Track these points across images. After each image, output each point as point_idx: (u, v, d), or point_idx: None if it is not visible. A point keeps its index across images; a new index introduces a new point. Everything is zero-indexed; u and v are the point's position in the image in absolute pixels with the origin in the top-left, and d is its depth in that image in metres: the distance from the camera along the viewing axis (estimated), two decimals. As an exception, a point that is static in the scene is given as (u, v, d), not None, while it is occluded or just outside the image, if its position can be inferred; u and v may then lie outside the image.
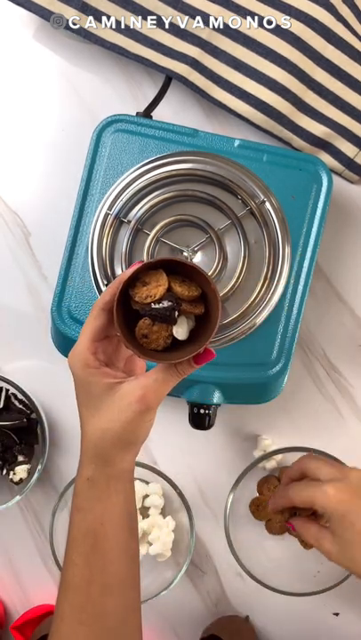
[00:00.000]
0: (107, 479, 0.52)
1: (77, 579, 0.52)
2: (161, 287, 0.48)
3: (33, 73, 0.81)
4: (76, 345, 0.52)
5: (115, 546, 0.53)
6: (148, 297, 0.48)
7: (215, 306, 0.48)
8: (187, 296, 0.49)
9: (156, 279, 0.48)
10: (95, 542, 0.52)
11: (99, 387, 0.51)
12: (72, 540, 0.53)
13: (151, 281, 0.48)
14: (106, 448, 0.51)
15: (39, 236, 0.80)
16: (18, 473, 0.74)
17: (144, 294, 0.48)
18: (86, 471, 0.52)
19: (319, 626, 0.78)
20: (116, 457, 0.52)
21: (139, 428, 0.51)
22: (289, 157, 0.72)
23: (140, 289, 0.48)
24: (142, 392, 0.50)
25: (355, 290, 0.79)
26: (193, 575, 0.78)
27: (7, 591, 0.79)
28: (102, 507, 0.52)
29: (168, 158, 0.71)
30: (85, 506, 0.53)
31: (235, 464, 0.78)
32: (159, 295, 0.48)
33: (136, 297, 0.48)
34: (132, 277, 0.48)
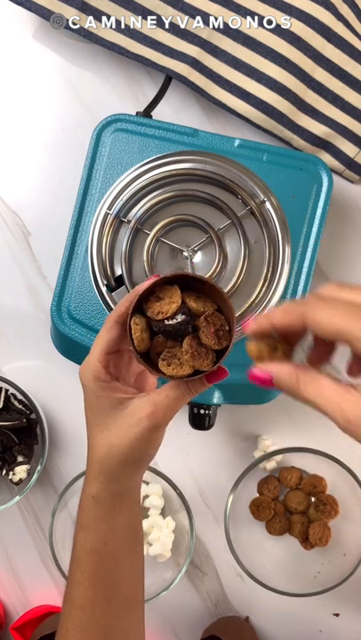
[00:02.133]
0: (112, 498, 0.51)
1: (81, 598, 0.52)
2: (174, 304, 0.47)
3: (33, 73, 0.81)
4: (88, 357, 0.51)
5: (119, 565, 0.52)
6: (159, 313, 0.47)
7: (232, 323, 0.47)
8: (201, 312, 0.47)
9: (170, 295, 0.47)
10: (99, 562, 0.51)
11: (109, 401, 0.50)
12: (76, 559, 0.52)
13: (165, 296, 0.48)
14: (112, 466, 0.50)
15: (39, 236, 0.80)
16: (17, 473, 0.74)
17: (156, 310, 0.47)
18: (91, 488, 0.51)
19: (319, 626, 0.78)
20: (122, 475, 0.51)
21: (147, 445, 0.50)
22: (289, 157, 0.72)
23: (153, 304, 0.47)
24: (152, 409, 0.48)
25: (355, 290, 0.79)
26: (193, 576, 0.78)
27: (7, 591, 0.79)
28: (106, 526, 0.51)
29: (168, 158, 0.71)
30: (90, 525, 0.51)
31: (235, 464, 0.78)
32: (171, 312, 0.47)
33: (148, 312, 0.47)
34: (147, 292, 0.47)
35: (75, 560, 0.52)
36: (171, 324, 0.47)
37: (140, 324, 0.47)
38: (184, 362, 0.47)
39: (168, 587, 0.74)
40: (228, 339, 0.47)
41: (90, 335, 0.71)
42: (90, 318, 0.71)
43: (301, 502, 0.77)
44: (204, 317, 0.47)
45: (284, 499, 0.78)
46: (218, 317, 0.47)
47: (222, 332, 0.47)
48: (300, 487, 0.78)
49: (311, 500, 0.78)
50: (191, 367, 0.47)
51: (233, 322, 0.47)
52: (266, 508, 0.76)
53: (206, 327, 0.47)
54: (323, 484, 0.77)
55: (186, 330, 0.47)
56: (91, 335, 0.71)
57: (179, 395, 0.49)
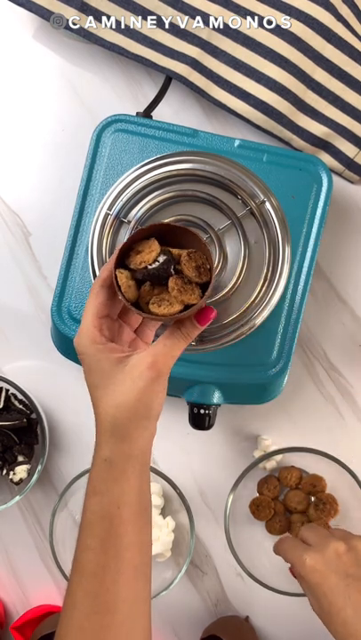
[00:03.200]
0: (125, 458, 0.51)
1: (92, 564, 0.51)
2: (153, 252, 0.50)
3: (33, 73, 0.81)
4: (81, 325, 0.53)
5: (130, 531, 0.52)
6: (142, 262, 0.50)
7: (210, 260, 0.50)
8: (178, 254, 0.50)
9: (149, 246, 0.50)
10: (111, 526, 0.51)
11: (108, 361, 0.51)
12: (87, 524, 0.52)
13: (144, 249, 0.50)
14: (122, 423, 0.51)
15: (39, 236, 0.80)
16: (18, 473, 0.74)
17: (138, 261, 0.50)
18: (103, 451, 0.51)
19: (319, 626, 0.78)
20: (134, 432, 0.51)
21: (153, 396, 0.50)
22: (289, 157, 0.72)
23: (134, 257, 0.50)
24: (152, 359, 0.50)
25: (355, 290, 0.79)
26: (193, 575, 0.78)
27: (7, 591, 0.79)
28: (120, 489, 0.51)
29: (168, 158, 0.71)
30: (102, 488, 0.52)
31: (235, 464, 0.78)
32: (152, 259, 0.50)
33: (131, 265, 0.50)
34: (126, 247, 0.50)
35: (85, 526, 0.52)
36: (154, 267, 0.50)
37: (124, 272, 0.50)
38: (173, 301, 0.49)
39: (168, 586, 0.74)
40: (208, 275, 0.50)
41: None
42: (90, 318, 0.71)
43: (301, 502, 0.77)
44: (187, 253, 0.50)
45: (283, 498, 0.78)
46: (199, 255, 0.50)
47: (203, 268, 0.50)
48: (299, 487, 0.78)
49: (311, 499, 0.78)
50: (180, 303, 0.49)
51: (212, 260, 0.50)
52: (266, 508, 0.77)
53: (188, 262, 0.50)
54: (322, 483, 0.77)
55: (168, 270, 0.50)
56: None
57: (175, 342, 0.51)
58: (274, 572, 0.76)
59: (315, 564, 0.60)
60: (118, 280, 0.50)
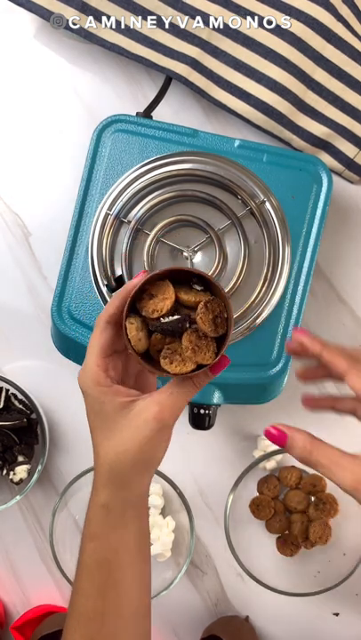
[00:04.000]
0: (123, 505, 0.50)
1: (90, 610, 0.50)
2: (168, 300, 0.47)
3: (33, 73, 0.81)
4: (85, 363, 0.50)
5: (129, 575, 0.51)
6: (154, 311, 0.47)
7: (229, 310, 0.46)
8: (194, 302, 0.47)
9: (163, 291, 0.47)
10: (110, 572, 0.50)
11: (112, 405, 0.49)
12: (84, 569, 0.51)
13: (158, 293, 0.47)
14: (122, 471, 0.49)
15: (39, 236, 0.80)
16: (18, 473, 0.74)
17: (150, 308, 0.47)
18: (101, 497, 0.50)
19: (319, 626, 0.78)
20: (133, 480, 0.50)
21: (156, 447, 0.49)
22: (289, 157, 0.72)
23: (146, 302, 0.47)
24: (158, 408, 0.48)
25: (355, 290, 0.79)
26: (193, 575, 0.78)
27: (7, 591, 0.79)
28: (118, 536, 0.50)
29: (168, 158, 0.71)
30: (100, 534, 0.50)
31: (235, 464, 0.78)
32: (166, 309, 0.46)
33: (143, 311, 0.47)
34: (138, 290, 0.47)
35: (83, 571, 0.51)
36: (167, 321, 0.46)
37: (135, 323, 0.47)
38: (186, 358, 0.46)
39: (168, 587, 0.74)
40: (225, 326, 0.47)
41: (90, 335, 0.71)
42: (90, 318, 0.71)
43: (301, 502, 0.77)
44: (204, 303, 0.46)
45: (283, 498, 0.78)
46: (217, 303, 0.47)
47: (220, 319, 0.47)
48: (299, 486, 0.78)
49: (311, 499, 0.78)
50: (194, 363, 0.46)
51: (230, 308, 0.46)
52: (266, 507, 0.77)
53: (205, 314, 0.46)
54: (322, 483, 0.77)
55: (183, 326, 0.46)
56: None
57: (184, 391, 0.48)
58: (274, 572, 0.76)
59: None
60: (128, 332, 0.47)
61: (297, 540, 0.76)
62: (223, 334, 0.47)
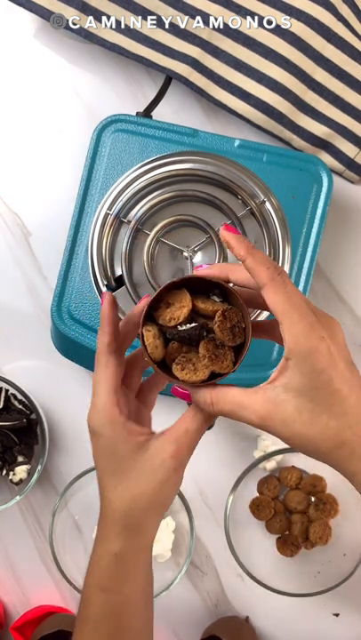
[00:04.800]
0: (137, 552, 0.47)
1: None
2: (185, 308, 0.46)
3: (33, 73, 0.81)
4: (95, 402, 0.47)
5: (138, 623, 0.49)
6: (171, 319, 0.46)
7: (247, 319, 0.45)
8: (211, 311, 0.46)
9: (180, 299, 0.46)
10: (118, 623, 0.48)
11: (127, 446, 0.46)
12: (92, 619, 0.48)
13: (174, 302, 0.46)
14: (138, 516, 0.46)
15: (39, 236, 0.80)
16: (18, 473, 0.74)
17: (167, 317, 0.46)
18: (114, 545, 0.47)
19: (319, 626, 0.78)
20: (148, 524, 0.47)
21: (172, 488, 0.47)
22: (289, 157, 0.72)
23: (163, 311, 0.46)
24: (175, 446, 0.46)
25: (355, 290, 0.79)
26: (193, 576, 0.78)
27: (7, 591, 0.79)
28: (130, 587, 0.48)
29: (168, 158, 0.71)
30: (111, 585, 0.47)
31: (235, 464, 0.78)
32: (183, 317, 0.46)
33: (159, 320, 0.46)
34: (155, 300, 0.46)
35: (89, 620, 0.49)
36: (185, 329, 0.45)
37: (152, 330, 0.46)
38: (199, 367, 0.46)
39: (168, 587, 0.74)
40: (242, 336, 0.46)
41: (90, 335, 0.71)
42: (90, 318, 0.71)
43: (301, 502, 0.77)
44: (222, 312, 0.45)
45: (284, 498, 0.78)
46: (235, 312, 0.46)
47: (238, 328, 0.45)
48: (299, 487, 0.78)
49: (311, 499, 0.78)
50: (209, 371, 0.45)
51: (248, 318, 0.45)
52: (266, 508, 0.76)
53: (223, 322, 0.45)
54: (322, 483, 0.77)
55: (201, 334, 0.45)
56: (91, 335, 0.71)
57: (198, 426, 0.47)
58: (274, 573, 0.76)
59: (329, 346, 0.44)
60: (145, 340, 0.45)
61: (297, 541, 0.76)
62: (241, 344, 0.46)
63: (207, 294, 0.48)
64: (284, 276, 0.44)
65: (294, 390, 0.43)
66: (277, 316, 0.43)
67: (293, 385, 0.43)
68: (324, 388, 0.43)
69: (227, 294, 0.47)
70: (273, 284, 0.43)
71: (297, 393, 0.43)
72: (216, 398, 0.45)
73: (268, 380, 0.44)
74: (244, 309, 0.46)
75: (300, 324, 0.43)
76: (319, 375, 0.43)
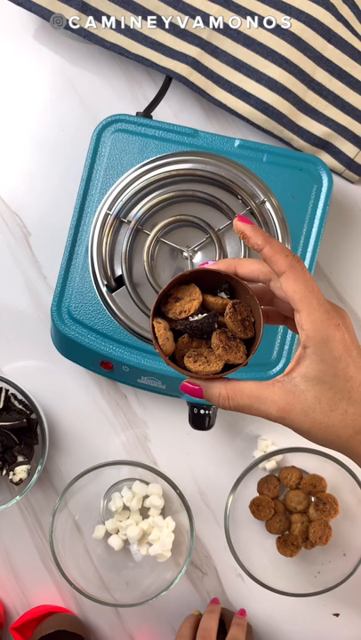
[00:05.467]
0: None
1: None
2: (195, 301, 0.46)
3: (33, 73, 0.81)
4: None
5: None
6: (182, 312, 0.46)
7: (257, 313, 0.45)
8: (221, 305, 0.46)
9: (189, 293, 0.46)
10: None
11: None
12: None
13: (184, 296, 0.46)
14: None
15: (39, 235, 0.80)
16: (18, 473, 0.74)
17: (177, 310, 0.46)
18: None
19: (319, 626, 0.78)
20: None
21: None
22: (289, 157, 0.72)
23: (173, 305, 0.46)
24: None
25: (355, 290, 0.79)
26: (193, 576, 0.78)
27: (7, 591, 0.79)
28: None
29: (168, 158, 0.71)
30: None
31: (235, 464, 0.78)
32: (194, 309, 0.45)
33: (170, 313, 0.46)
34: (164, 295, 0.46)
35: None
36: (197, 319, 0.45)
37: (162, 322, 0.46)
38: (212, 359, 0.45)
39: (168, 587, 0.74)
40: (252, 329, 0.46)
41: (90, 335, 0.71)
42: (90, 318, 0.71)
43: (301, 502, 0.77)
44: (232, 305, 0.45)
45: (284, 498, 0.78)
46: (245, 307, 0.46)
47: (248, 322, 0.46)
48: (299, 487, 0.78)
49: (311, 499, 0.78)
50: (223, 362, 0.45)
51: (258, 312, 0.45)
52: (266, 508, 0.76)
53: (233, 315, 0.45)
54: (323, 483, 0.77)
55: (212, 325, 0.45)
56: (91, 335, 0.71)
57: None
58: (274, 573, 0.76)
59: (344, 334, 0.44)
60: (156, 331, 0.45)
61: (297, 541, 0.76)
62: (251, 338, 0.46)
63: (214, 291, 0.48)
64: (302, 264, 0.44)
65: (314, 379, 0.44)
66: (296, 303, 0.43)
67: (312, 373, 0.44)
68: (341, 375, 0.44)
69: (234, 291, 0.47)
70: (293, 270, 0.43)
71: (316, 381, 0.44)
72: (232, 392, 0.45)
73: (285, 372, 0.45)
74: (255, 302, 0.46)
75: (318, 312, 0.43)
76: (338, 362, 0.43)
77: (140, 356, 0.70)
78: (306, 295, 0.43)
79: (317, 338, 0.43)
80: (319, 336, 0.43)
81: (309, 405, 0.44)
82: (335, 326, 0.44)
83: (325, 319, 0.43)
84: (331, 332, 0.43)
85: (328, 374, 0.43)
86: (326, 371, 0.43)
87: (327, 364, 0.43)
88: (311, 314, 0.43)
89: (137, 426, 0.79)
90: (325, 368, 0.43)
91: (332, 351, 0.43)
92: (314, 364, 0.43)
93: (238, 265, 0.46)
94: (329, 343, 0.43)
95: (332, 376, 0.43)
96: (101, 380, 0.79)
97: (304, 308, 0.43)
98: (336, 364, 0.43)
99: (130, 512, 0.77)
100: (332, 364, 0.43)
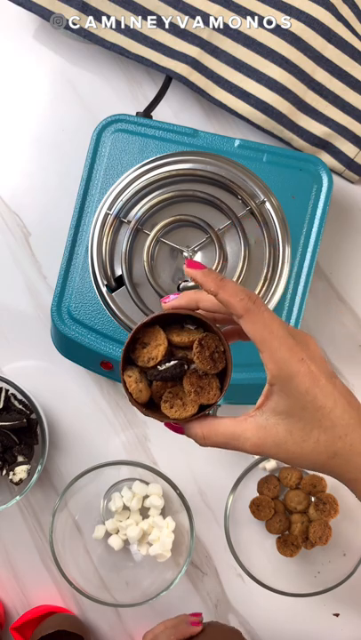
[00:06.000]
0: None
1: None
2: (161, 347, 0.46)
3: (33, 73, 0.81)
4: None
5: None
6: (150, 360, 0.46)
7: (224, 342, 0.46)
8: (188, 342, 0.46)
9: (154, 338, 0.46)
10: None
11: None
12: None
13: (150, 341, 0.46)
14: None
15: (39, 235, 0.80)
16: (18, 473, 0.74)
17: (145, 357, 0.46)
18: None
19: (319, 626, 0.78)
20: None
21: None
22: (289, 157, 0.72)
23: (140, 352, 0.46)
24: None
25: (355, 290, 0.79)
26: (193, 576, 0.78)
27: (7, 591, 0.79)
28: None
29: (168, 158, 0.71)
30: None
31: (235, 464, 0.78)
32: (161, 356, 0.46)
33: (139, 361, 0.46)
34: (130, 342, 0.46)
35: None
36: (165, 369, 0.46)
37: (133, 375, 0.46)
38: (187, 402, 0.46)
39: (168, 587, 0.74)
40: (223, 360, 0.46)
41: (90, 335, 0.71)
42: (90, 318, 0.71)
43: (301, 502, 0.77)
44: (199, 341, 0.45)
45: (284, 498, 0.78)
46: (212, 338, 0.46)
47: (217, 353, 0.46)
48: (299, 487, 0.78)
49: (311, 499, 0.78)
50: (198, 405, 0.46)
51: (225, 341, 0.46)
52: (266, 508, 0.76)
53: (201, 352, 0.45)
54: (323, 483, 0.77)
55: (182, 370, 0.46)
56: (91, 335, 0.71)
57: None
58: (274, 573, 0.76)
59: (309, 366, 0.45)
60: (128, 386, 0.46)
61: (297, 541, 0.76)
62: (223, 369, 0.46)
63: (180, 323, 0.48)
64: (259, 303, 0.45)
65: (282, 413, 0.45)
66: (257, 345, 0.45)
67: (281, 408, 0.45)
68: (310, 407, 0.45)
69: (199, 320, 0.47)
70: (249, 314, 0.44)
71: (285, 415, 0.45)
72: (208, 432, 0.46)
73: (256, 406, 0.46)
74: (220, 333, 0.46)
75: (279, 351, 0.44)
76: (304, 396, 0.44)
77: (140, 356, 0.70)
78: (265, 337, 0.44)
79: (282, 376, 0.44)
80: (284, 374, 0.44)
81: (281, 439, 0.45)
82: (299, 361, 0.44)
83: (288, 357, 0.44)
84: (295, 369, 0.44)
85: (296, 408, 0.45)
86: (294, 405, 0.44)
87: (294, 399, 0.44)
88: (273, 354, 0.44)
89: (137, 426, 0.79)
90: (293, 402, 0.44)
91: (297, 386, 0.44)
92: (282, 400, 0.45)
93: (200, 300, 0.47)
94: (294, 379, 0.44)
95: (300, 409, 0.44)
96: (101, 380, 0.79)
97: (266, 349, 0.44)
98: (303, 397, 0.44)
99: (130, 512, 0.77)
100: (299, 398, 0.44)
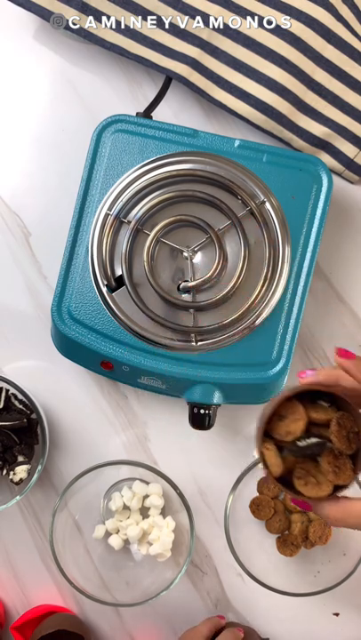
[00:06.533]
0: None
1: None
2: (301, 422, 0.45)
3: (33, 73, 0.81)
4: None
5: None
6: (288, 434, 0.45)
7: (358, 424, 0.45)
8: (325, 420, 0.45)
9: (293, 412, 0.46)
10: None
11: None
12: None
13: (287, 414, 0.46)
14: None
15: (39, 235, 0.80)
16: (18, 473, 0.74)
17: (283, 430, 0.45)
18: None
19: (319, 626, 0.78)
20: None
21: None
22: (289, 158, 0.72)
23: (277, 425, 0.46)
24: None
25: (355, 290, 0.79)
26: (193, 575, 0.78)
27: (7, 591, 0.79)
28: None
29: (168, 159, 0.71)
30: None
31: (235, 464, 0.78)
32: (300, 431, 0.45)
33: (275, 434, 0.46)
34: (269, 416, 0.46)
35: None
36: (307, 445, 0.45)
37: (271, 448, 0.46)
38: (322, 480, 0.46)
39: (168, 587, 0.74)
40: (356, 441, 0.45)
41: (90, 335, 0.71)
42: (90, 318, 0.71)
43: (301, 502, 0.77)
44: (337, 420, 0.45)
45: (284, 498, 0.78)
46: (348, 418, 0.45)
47: (352, 434, 0.45)
48: (299, 487, 0.78)
49: (311, 499, 0.78)
50: (333, 485, 0.45)
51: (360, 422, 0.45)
52: (266, 507, 0.77)
53: (339, 432, 0.45)
54: (322, 483, 0.77)
55: (322, 449, 0.45)
56: (91, 335, 0.71)
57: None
58: (274, 572, 0.76)
59: None
60: (267, 460, 0.46)
61: (297, 540, 0.76)
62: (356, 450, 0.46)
63: (313, 397, 0.47)
64: None
65: None
66: None
67: None
68: None
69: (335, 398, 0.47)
70: None
71: None
72: (342, 515, 0.46)
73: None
74: (356, 413, 0.45)
75: None
76: None
77: (141, 356, 0.70)
78: None
79: None
80: None
81: None
82: None
83: None
84: None
85: None
86: None
87: None
88: None
89: (137, 426, 0.79)
90: None
91: None
92: None
93: (340, 377, 0.47)
94: None
95: None
96: (102, 379, 0.79)
97: None
98: None
99: (130, 512, 0.77)
100: None
